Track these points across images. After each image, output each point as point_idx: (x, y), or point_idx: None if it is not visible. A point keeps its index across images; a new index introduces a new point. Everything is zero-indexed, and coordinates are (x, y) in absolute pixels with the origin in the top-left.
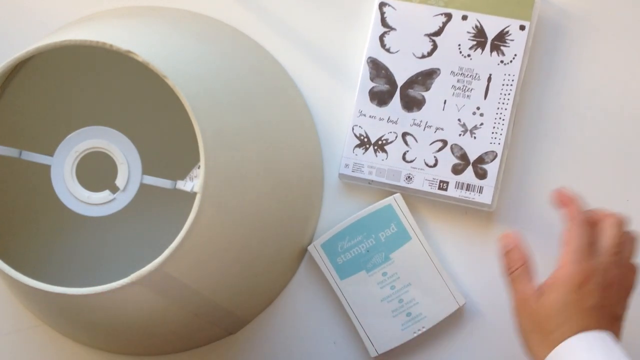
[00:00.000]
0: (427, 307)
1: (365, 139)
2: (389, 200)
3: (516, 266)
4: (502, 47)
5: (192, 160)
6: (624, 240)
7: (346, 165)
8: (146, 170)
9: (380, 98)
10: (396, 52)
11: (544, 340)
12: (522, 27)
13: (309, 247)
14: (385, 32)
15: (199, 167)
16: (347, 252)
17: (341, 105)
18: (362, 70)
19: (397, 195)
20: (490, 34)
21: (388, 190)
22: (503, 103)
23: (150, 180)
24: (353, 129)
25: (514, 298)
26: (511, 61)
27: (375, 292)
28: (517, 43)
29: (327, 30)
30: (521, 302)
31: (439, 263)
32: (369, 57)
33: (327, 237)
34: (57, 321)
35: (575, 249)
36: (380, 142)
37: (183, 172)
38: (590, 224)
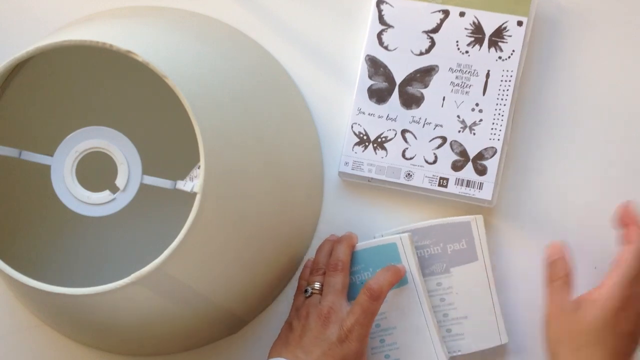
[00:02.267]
0: (406, 355)
1: (365, 137)
2: (394, 238)
3: (559, 276)
4: (500, 43)
5: (192, 160)
6: None
7: (346, 163)
8: (146, 170)
9: (379, 96)
10: (394, 49)
11: (573, 353)
12: (519, 23)
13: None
14: (383, 30)
15: (199, 167)
16: None
17: (340, 104)
18: (360, 68)
19: (405, 236)
20: (488, 30)
21: (388, 187)
22: (502, 99)
23: (150, 180)
24: (352, 126)
25: (550, 307)
26: (509, 57)
27: None
28: (515, 39)
29: (325, 28)
30: (556, 312)
31: (430, 315)
32: (367, 55)
33: None
34: (57, 321)
35: (624, 274)
36: (379, 140)
37: (183, 172)
38: None
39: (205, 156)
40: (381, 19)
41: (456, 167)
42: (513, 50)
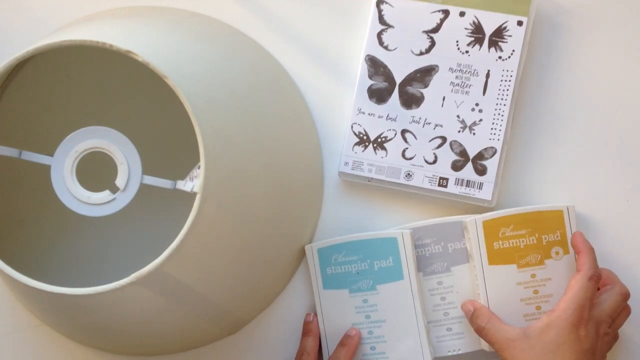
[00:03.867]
0: (392, 350)
1: (365, 137)
2: (396, 233)
3: (485, 321)
4: (500, 43)
5: (192, 160)
6: (621, 310)
7: (346, 163)
8: (146, 170)
9: (379, 96)
10: (394, 49)
11: None
12: (519, 23)
13: (306, 246)
14: (383, 30)
15: (199, 167)
16: (339, 266)
17: (340, 104)
18: (360, 68)
19: (406, 232)
20: (488, 30)
21: (388, 187)
22: (502, 99)
23: (150, 180)
24: (352, 126)
25: (497, 342)
26: (509, 57)
27: (350, 315)
28: (515, 39)
29: (325, 28)
30: (507, 343)
31: (421, 312)
32: (367, 55)
33: (326, 243)
34: (57, 321)
35: (576, 297)
36: (379, 140)
37: (183, 172)
38: (597, 281)
39: (205, 156)
40: (381, 19)
41: (456, 167)
42: (513, 50)
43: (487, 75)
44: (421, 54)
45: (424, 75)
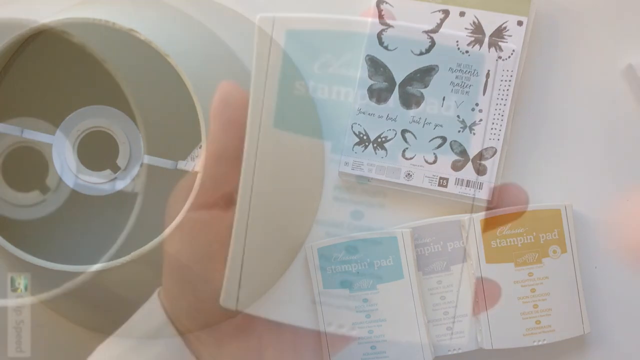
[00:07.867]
0: (393, 349)
1: (365, 137)
2: (396, 232)
3: None
4: (500, 43)
5: (193, 142)
6: None
7: (346, 163)
8: (148, 151)
9: (379, 96)
10: (394, 49)
11: None
12: (519, 23)
13: (306, 246)
14: (383, 30)
15: (200, 147)
16: (339, 265)
17: (340, 103)
18: (360, 68)
19: (406, 231)
20: (488, 30)
21: (388, 187)
22: (502, 99)
23: (151, 160)
24: (352, 126)
25: None
26: (509, 57)
27: (350, 314)
28: (515, 39)
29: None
30: None
31: (421, 312)
32: (367, 55)
33: (326, 243)
34: (53, 300)
35: None
36: (379, 140)
37: (185, 154)
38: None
39: (207, 136)
40: (381, 19)
41: (456, 167)
42: (513, 50)
43: (487, 75)
44: (421, 54)
45: (424, 75)
